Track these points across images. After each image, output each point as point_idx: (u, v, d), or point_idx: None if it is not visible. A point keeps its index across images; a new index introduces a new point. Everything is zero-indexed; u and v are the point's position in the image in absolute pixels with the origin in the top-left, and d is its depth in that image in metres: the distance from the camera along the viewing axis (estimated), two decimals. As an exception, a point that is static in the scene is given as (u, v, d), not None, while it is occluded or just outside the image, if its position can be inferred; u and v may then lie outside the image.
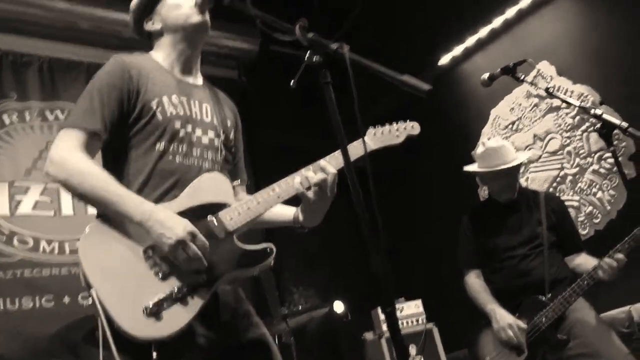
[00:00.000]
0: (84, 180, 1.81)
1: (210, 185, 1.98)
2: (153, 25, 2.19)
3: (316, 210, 2.06)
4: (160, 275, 1.78)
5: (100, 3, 4.90)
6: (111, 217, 1.83)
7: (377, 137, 2.24)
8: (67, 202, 4.53)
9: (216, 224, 1.89)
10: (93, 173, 1.83)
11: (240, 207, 1.95)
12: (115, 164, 1.97)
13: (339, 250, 5.82)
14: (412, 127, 2.32)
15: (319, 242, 5.66)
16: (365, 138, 2.24)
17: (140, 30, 2.24)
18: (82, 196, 1.85)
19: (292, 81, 1.69)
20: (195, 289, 1.80)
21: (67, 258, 4.40)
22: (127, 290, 1.74)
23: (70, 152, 1.84)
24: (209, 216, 1.90)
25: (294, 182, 1.99)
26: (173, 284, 1.78)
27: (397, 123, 2.31)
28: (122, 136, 1.97)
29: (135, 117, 1.97)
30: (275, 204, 2.01)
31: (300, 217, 2.12)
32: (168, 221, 1.76)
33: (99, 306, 1.68)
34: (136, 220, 1.78)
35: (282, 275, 5.63)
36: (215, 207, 1.93)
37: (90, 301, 1.72)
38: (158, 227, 1.75)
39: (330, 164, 2.00)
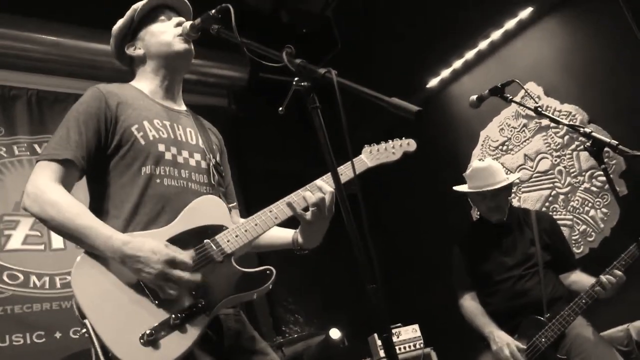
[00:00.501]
0: (57, 213, 1.77)
1: (207, 208, 1.96)
2: (135, 51, 2.19)
3: (315, 231, 2.06)
4: (156, 302, 1.73)
5: (90, 36, 4.92)
6: None
7: (374, 155, 2.26)
8: (57, 236, 4.47)
9: (214, 247, 1.86)
10: (65, 205, 1.78)
11: (237, 229, 1.93)
12: (102, 194, 1.94)
13: (333, 276, 5.77)
14: (408, 144, 2.34)
15: (313, 268, 5.62)
16: (362, 156, 2.26)
17: (121, 56, 2.24)
18: (56, 229, 1.80)
19: (281, 107, 1.68)
20: (194, 315, 1.76)
21: (57, 292, 4.33)
22: (123, 319, 1.69)
23: (45, 184, 1.81)
24: (205, 240, 1.87)
25: (292, 201, 1.99)
26: (170, 310, 1.73)
27: (392, 140, 2.32)
28: (105, 165, 1.94)
29: (116, 144, 1.94)
30: (273, 225, 1.99)
31: (300, 239, 2.11)
32: (140, 256, 1.70)
33: (93, 336, 1.64)
34: (107, 256, 1.74)
35: (275, 303, 5.57)
36: (212, 230, 1.91)
37: (84, 334, 1.66)
38: (132, 263, 1.71)
39: (327, 183, 1.99)
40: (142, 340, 1.66)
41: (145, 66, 2.17)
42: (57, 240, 4.49)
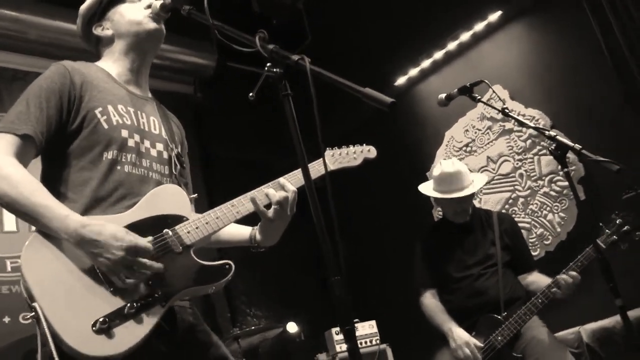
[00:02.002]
0: (11, 188, 1.67)
1: (168, 197, 1.91)
2: (103, 31, 2.10)
3: (274, 229, 2.04)
4: (111, 289, 1.67)
5: (52, 13, 4.77)
6: None
7: (335, 159, 2.26)
8: (9, 217, 4.33)
9: (173, 237, 1.81)
10: (20, 180, 1.69)
11: (198, 221, 1.88)
12: (59, 176, 1.85)
13: (292, 271, 5.76)
14: (369, 151, 2.36)
15: (273, 262, 5.59)
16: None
17: (88, 36, 2.15)
18: (9, 206, 1.69)
19: (251, 93, 1.64)
20: (150, 305, 1.70)
21: (7, 276, 4.20)
22: (75, 304, 1.61)
23: (0, 158, 1.72)
24: (165, 229, 1.81)
25: (254, 197, 1.95)
26: (125, 299, 1.67)
27: (354, 146, 2.34)
28: (64, 145, 1.86)
29: (77, 125, 1.86)
30: (234, 219, 1.95)
31: (258, 236, 2.09)
32: (99, 239, 1.63)
33: (43, 322, 1.56)
34: (62, 237, 1.66)
35: (234, 296, 5.52)
36: (173, 220, 1.86)
37: (32, 318, 1.59)
38: (89, 247, 1.64)
39: (290, 182, 1.97)
40: (94, 328, 1.59)
41: (113, 47, 2.09)
42: (10, 222, 4.35)
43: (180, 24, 2.15)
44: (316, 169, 2.04)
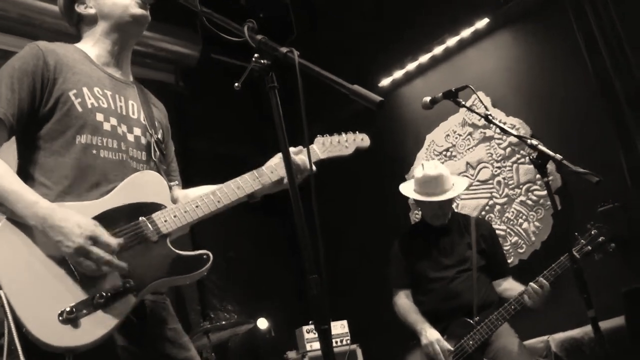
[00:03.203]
0: None
1: (146, 184, 1.87)
2: (86, 9, 2.03)
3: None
4: (80, 278, 1.62)
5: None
6: None
7: (326, 147, 2.21)
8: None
9: (149, 226, 1.77)
10: None
11: (176, 209, 1.84)
12: (31, 160, 1.80)
13: (265, 267, 5.72)
14: (362, 140, 2.31)
15: (245, 258, 5.56)
16: (314, 146, 2.20)
17: (70, 13, 2.08)
18: None
19: (237, 83, 1.61)
20: (121, 295, 1.65)
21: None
22: (42, 293, 1.57)
23: None
24: (141, 217, 1.77)
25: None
26: (95, 288, 1.62)
27: (346, 134, 2.27)
28: (36, 128, 1.81)
29: (50, 107, 1.81)
30: (215, 209, 1.92)
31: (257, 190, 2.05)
32: (64, 226, 1.60)
33: (7, 309, 1.51)
34: (29, 224, 1.62)
35: (206, 289, 5.46)
36: (149, 208, 1.82)
37: None
38: (54, 234, 1.60)
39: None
40: (60, 318, 1.55)
41: (95, 27, 2.03)
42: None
43: (165, 11, 2.10)
44: (305, 158, 2.01)
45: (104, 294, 1.62)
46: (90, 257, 1.60)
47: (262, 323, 5.05)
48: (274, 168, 2.04)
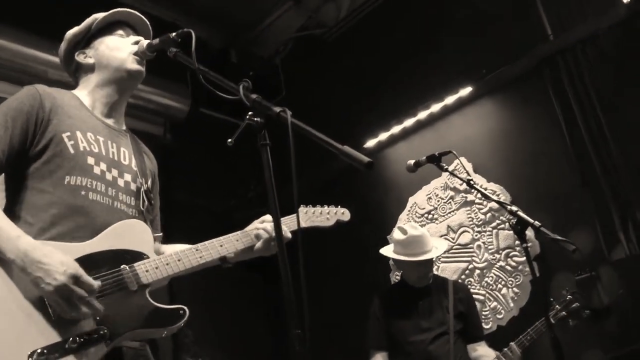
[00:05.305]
0: None
1: (130, 232, 1.88)
2: (85, 59, 2.11)
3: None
4: (55, 320, 1.61)
5: (24, 40, 4.72)
6: None
7: (309, 217, 2.29)
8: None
9: (130, 274, 1.77)
10: None
11: (159, 260, 1.86)
12: (17, 198, 1.82)
13: (243, 323, 5.65)
14: (343, 214, 2.39)
15: (223, 313, 5.49)
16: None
17: (69, 61, 2.16)
18: None
19: (230, 139, 1.65)
20: (93, 342, 1.64)
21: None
22: (13, 333, 1.55)
23: None
24: (122, 265, 1.78)
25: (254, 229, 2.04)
26: (69, 331, 1.61)
27: (328, 206, 2.36)
28: (26, 167, 1.84)
29: (42, 147, 1.84)
30: (197, 265, 1.94)
31: (231, 255, 2.08)
32: (45, 262, 1.59)
33: None
34: (8, 258, 1.60)
35: (180, 343, 5.35)
36: (132, 256, 1.82)
37: None
38: (34, 269, 1.58)
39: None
40: (30, 359, 1.53)
41: (92, 76, 2.10)
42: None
43: (156, 64, 2.17)
44: (288, 223, 2.08)
45: (77, 339, 1.61)
46: (71, 295, 1.58)
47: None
48: (260, 231, 2.07)
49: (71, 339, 1.60)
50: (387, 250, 3.74)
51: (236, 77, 1.72)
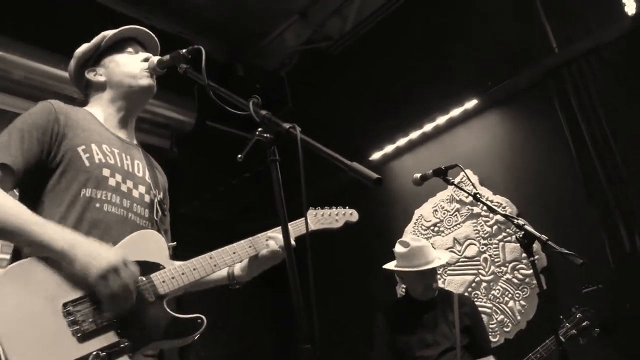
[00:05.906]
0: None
1: (146, 243, 1.89)
2: (95, 76, 2.14)
3: (262, 268, 2.11)
4: (78, 335, 1.62)
5: (36, 55, 4.77)
6: (26, 265, 1.65)
7: (318, 219, 2.30)
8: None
9: (147, 285, 1.78)
10: (3, 202, 1.70)
11: (175, 270, 1.87)
12: (35, 209, 1.82)
13: (251, 336, 5.64)
14: (351, 215, 2.40)
15: (231, 325, 5.48)
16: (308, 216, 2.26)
17: (79, 78, 2.19)
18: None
19: (240, 155, 1.67)
20: (116, 354, 1.65)
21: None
22: (37, 349, 1.55)
23: None
24: (139, 277, 1.79)
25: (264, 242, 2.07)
26: (92, 347, 1.62)
27: (337, 208, 2.36)
28: (43, 180, 1.86)
29: (57, 161, 1.87)
30: (211, 272, 1.96)
31: (238, 273, 2.14)
32: (96, 249, 1.66)
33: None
34: (58, 248, 1.64)
35: (187, 355, 5.35)
36: (148, 267, 1.83)
37: None
38: (84, 256, 1.64)
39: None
40: None
41: (103, 94, 2.13)
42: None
43: (163, 78, 2.20)
44: (297, 228, 2.11)
45: (100, 353, 1.62)
46: (121, 275, 1.64)
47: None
48: (269, 238, 2.09)
49: (94, 353, 1.61)
50: (390, 265, 3.74)
51: (242, 90, 1.74)
